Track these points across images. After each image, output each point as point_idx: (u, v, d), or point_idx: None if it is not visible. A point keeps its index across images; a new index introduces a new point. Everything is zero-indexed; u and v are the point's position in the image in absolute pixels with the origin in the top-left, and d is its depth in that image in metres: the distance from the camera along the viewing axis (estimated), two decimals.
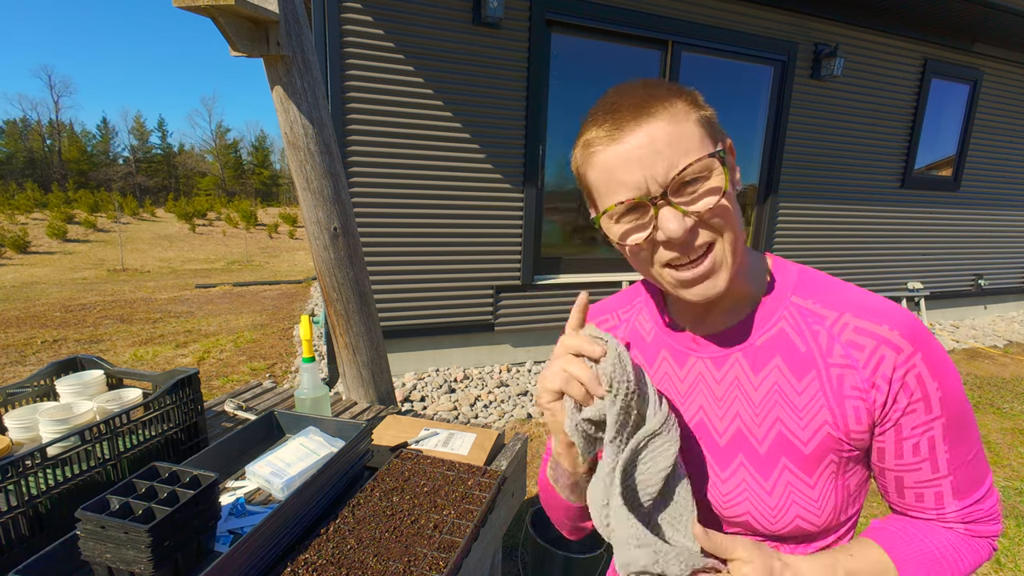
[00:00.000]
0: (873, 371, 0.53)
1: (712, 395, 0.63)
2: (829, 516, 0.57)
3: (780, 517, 0.57)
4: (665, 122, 0.49)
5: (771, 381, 0.58)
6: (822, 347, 0.56)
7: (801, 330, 0.58)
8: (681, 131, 0.50)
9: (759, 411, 0.59)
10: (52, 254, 15.89)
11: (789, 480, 0.57)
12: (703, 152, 0.50)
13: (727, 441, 0.61)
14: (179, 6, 1.41)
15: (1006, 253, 6.09)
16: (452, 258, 3.64)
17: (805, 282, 0.61)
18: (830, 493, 0.57)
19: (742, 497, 0.59)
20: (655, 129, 0.49)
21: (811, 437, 0.56)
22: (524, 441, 1.28)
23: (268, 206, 40.77)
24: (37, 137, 57.73)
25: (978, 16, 4.48)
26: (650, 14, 3.76)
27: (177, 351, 4.56)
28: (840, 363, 0.55)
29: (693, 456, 0.64)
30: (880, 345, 0.53)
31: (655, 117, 0.49)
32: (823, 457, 0.56)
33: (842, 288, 0.59)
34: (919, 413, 0.53)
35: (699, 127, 0.51)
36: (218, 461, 1.02)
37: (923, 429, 0.54)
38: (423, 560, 0.78)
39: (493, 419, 3.15)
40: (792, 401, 0.57)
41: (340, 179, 1.74)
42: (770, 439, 0.58)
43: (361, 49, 3.15)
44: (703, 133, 0.51)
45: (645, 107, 0.50)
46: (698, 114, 0.52)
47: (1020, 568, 1.99)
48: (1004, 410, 3.46)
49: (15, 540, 0.78)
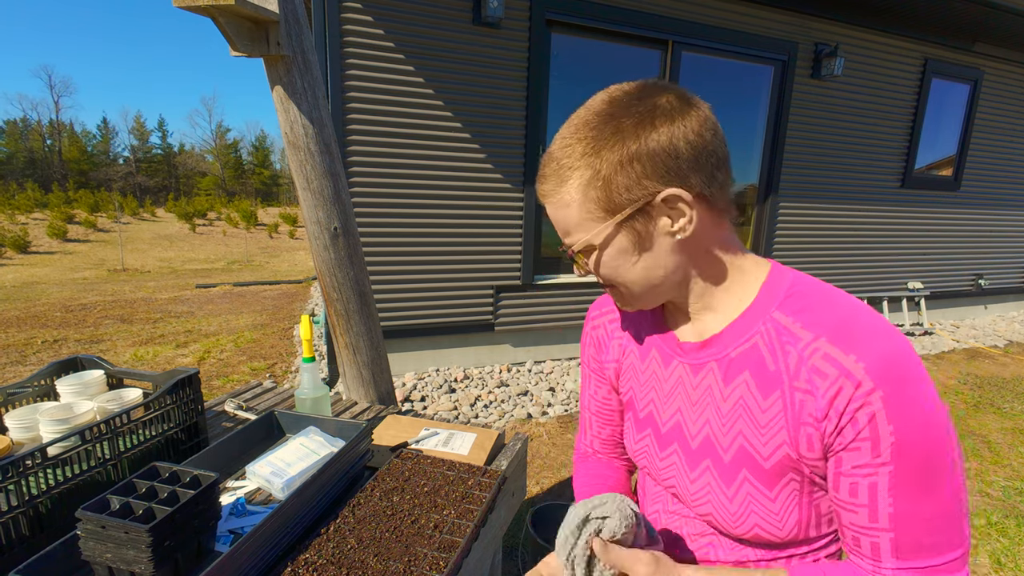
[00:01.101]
0: (829, 402, 0.51)
1: (688, 399, 0.65)
2: (792, 529, 0.58)
3: (740, 523, 0.60)
4: (555, 207, 0.59)
5: (738, 394, 0.60)
6: (790, 368, 0.55)
7: (774, 348, 0.57)
8: (566, 215, 0.59)
9: (725, 422, 0.61)
10: (52, 254, 15.89)
11: (749, 491, 0.59)
12: (584, 234, 0.58)
13: (697, 445, 0.64)
14: (179, 6, 1.41)
15: (1006, 253, 6.09)
16: (452, 258, 3.64)
17: (794, 296, 0.58)
18: (792, 509, 0.58)
19: (706, 499, 0.63)
20: (552, 210, 0.61)
21: (771, 454, 0.57)
22: (524, 441, 1.28)
23: (268, 206, 40.77)
24: (37, 137, 57.75)
25: (979, 16, 4.48)
26: (650, 14, 3.76)
27: (177, 351, 4.57)
28: (803, 388, 0.54)
29: (671, 452, 0.68)
30: (840, 376, 0.51)
31: (550, 202, 0.60)
32: (783, 474, 0.57)
33: (832, 306, 0.55)
34: (863, 453, 0.50)
35: (581, 210, 0.57)
36: (218, 461, 1.02)
37: (865, 472, 0.51)
38: (423, 560, 0.78)
39: (493, 419, 3.16)
40: (756, 417, 0.58)
41: (340, 179, 1.74)
42: (733, 450, 0.60)
43: (361, 49, 3.15)
44: (583, 216, 0.57)
45: (547, 189, 0.60)
46: (583, 197, 0.56)
47: (1020, 568, 1.99)
48: (1004, 410, 3.46)
49: (15, 540, 0.78)
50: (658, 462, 0.70)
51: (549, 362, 4.04)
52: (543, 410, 3.28)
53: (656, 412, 0.70)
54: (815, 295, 0.57)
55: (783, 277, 0.61)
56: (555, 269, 4.03)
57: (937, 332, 5.35)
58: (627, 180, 0.54)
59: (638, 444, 0.73)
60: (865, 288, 5.29)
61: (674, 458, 0.67)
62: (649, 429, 0.71)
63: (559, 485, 2.44)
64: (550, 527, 1.76)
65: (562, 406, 3.33)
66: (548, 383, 3.64)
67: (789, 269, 0.62)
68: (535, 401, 3.39)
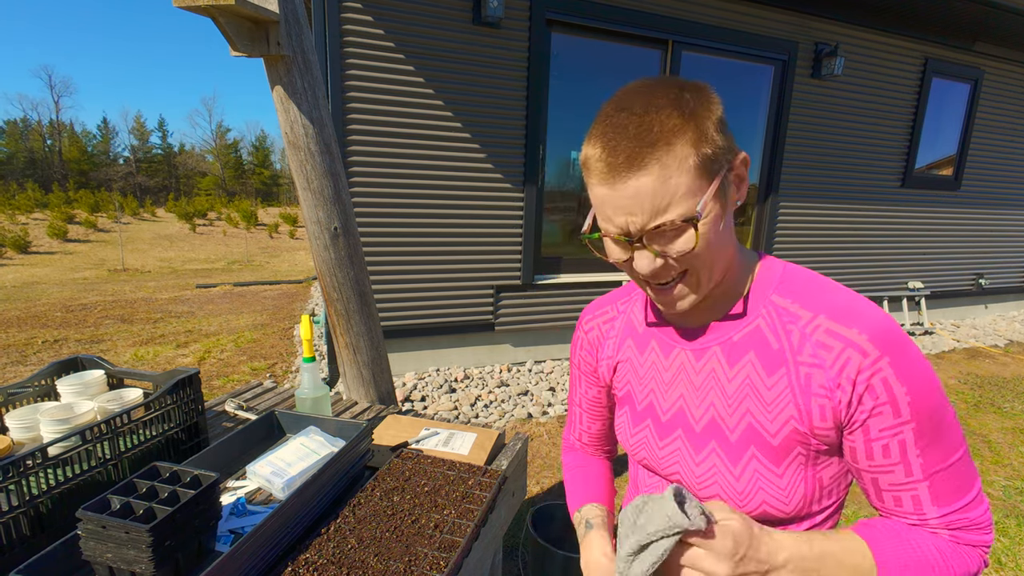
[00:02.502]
0: (839, 372, 0.55)
1: (691, 384, 0.67)
2: (798, 504, 0.60)
3: (747, 501, 0.61)
4: (653, 177, 0.51)
5: (744, 375, 0.62)
6: (793, 345, 0.58)
7: (776, 328, 0.60)
8: (667, 188, 0.51)
9: (731, 402, 0.63)
10: (53, 254, 15.89)
11: (757, 468, 0.61)
12: (688, 204, 0.52)
13: (702, 428, 0.66)
14: (179, 6, 1.41)
15: (1007, 252, 6.08)
16: (452, 258, 3.64)
17: (788, 281, 0.62)
18: (799, 483, 0.60)
19: (712, 480, 0.64)
20: (643, 184, 0.51)
21: (778, 430, 0.59)
22: (524, 441, 1.28)
23: (268, 206, 40.76)
24: (37, 137, 57.74)
25: (979, 15, 4.48)
26: (650, 14, 3.75)
27: (178, 351, 4.57)
28: (808, 362, 0.57)
29: (673, 439, 0.69)
30: (846, 348, 0.54)
31: (644, 171, 0.51)
32: (791, 449, 0.59)
33: (824, 289, 0.60)
34: (886, 416, 0.54)
35: (691, 176, 0.51)
36: (219, 461, 1.02)
37: (892, 432, 0.54)
38: (424, 560, 0.78)
39: (493, 419, 3.16)
40: (762, 395, 0.60)
41: (340, 179, 1.74)
42: (740, 429, 0.62)
43: (361, 49, 3.15)
44: (693, 182, 0.52)
45: (639, 156, 0.51)
46: (697, 156, 0.51)
47: (1021, 568, 1.99)
48: (1005, 409, 3.46)
49: (16, 540, 0.79)
50: (658, 451, 0.71)
51: (549, 362, 4.04)
52: (543, 410, 3.28)
53: (656, 402, 0.71)
54: (807, 280, 0.62)
55: (775, 265, 0.65)
56: (555, 269, 4.03)
57: (937, 332, 5.35)
58: (723, 140, 0.54)
59: (635, 437, 0.74)
60: (865, 288, 5.28)
61: (677, 443, 0.68)
62: (648, 420, 0.72)
63: (559, 485, 2.44)
64: (550, 527, 1.76)
65: (562, 406, 3.33)
66: (548, 383, 3.64)
67: (776, 259, 0.66)
68: (535, 401, 3.39)
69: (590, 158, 0.55)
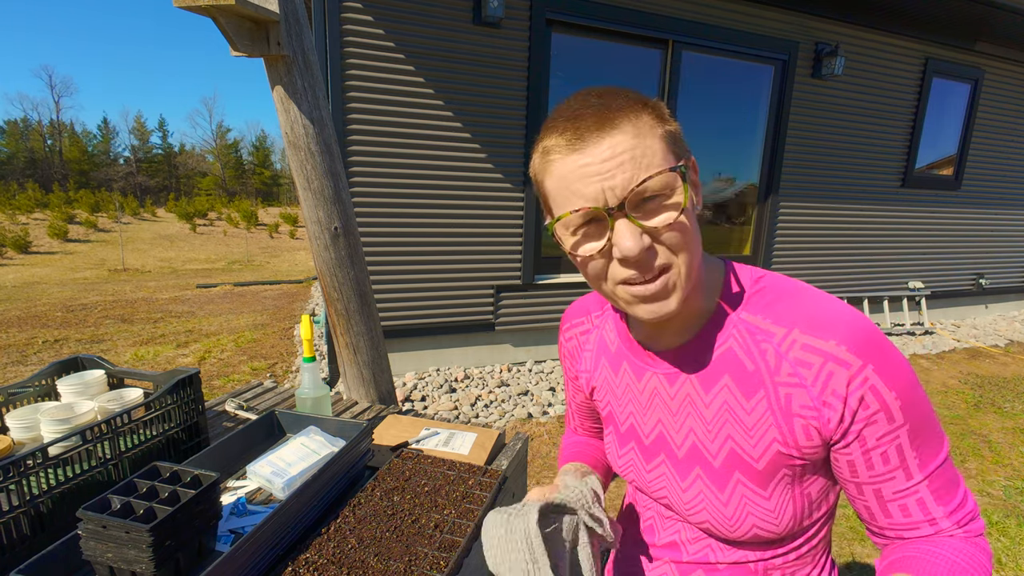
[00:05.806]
0: (823, 389, 0.52)
1: (668, 409, 0.64)
2: (788, 524, 0.58)
3: (738, 527, 0.59)
4: (629, 135, 0.48)
5: (721, 399, 0.59)
6: (770, 365, 0.55)
7: (749, 348, 0.57)
8: (644, 145, 0.48)
9: (711, 428, 0.60)
10: (53, 254, 15.90)
11: (744, 493, 0.58)
12: (664, 167, 0.49)
13: (684, 454, 0.63)
14: (179, 6, 1.41)
15: (1007, 252, 6.08)
16: (453, 258, 3.64)
17: (758, 294, 0.58)
18: (787, 503, 0.58)
19: (700, 507, 0.62)
20: (618, 142, 0.48)
21: (762, 454, 0.57)
22: (525, 441, 1.28)
23: (269, 206, 40.76)
24: (38, 137, 57.75)
25: (979, 15, 4.48)
26: (651, 13, 3.75)
27: (178, 351, 4.57)
28: (788, 381, 0.54)
29: (658, 463, 0.66)
30: (827, 362, 0.52)
31: (618, 129, 0.48)
32: (776, 472, 0.57)
33: (797, 298, 0.56)
34: (881, 424, 0.52)
35: (662, 142, 0.50)
36: (219, 461, 1.02)
37: (889, 438, 0.52)
38: (424, 559, 0.78)
39: (494, 419, 3.16)
40: (742, 420, 0.57)
41: (340, 179, 1.74)
42: (723, 455, 0.59)
43: (361, 49, 3.15)
44: (666, 148, 0.50)
45: (609, 118, 0.48)
46: (663, 129, 0.50)
47: (1021, 568, 1.99)
48: (1005, 409, 3.45)
49: (16, 540, 0.79)
50: (646, 475, 0.68)
51: (549, 362, 4.04)
52: (544, 410, 3.28)
53: (637, 424, 0.68)
54: (779, 291, 0.58)
55: (744, 277, 0.61)
56: (555, 269, 4.03)
57: (938, 332, 5.35)
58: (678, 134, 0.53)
59: (622, 459, 0.71)
60: (866, 288, 5.28)
61: (663, 468, 0.66)
62: (633, 443, 0.69)
63: None
64: None
65: (562, 406, 3.33)
66: (548, 383, 3.64)
67: (743, 266, 0.62)
68: (535, 401, 3.39)
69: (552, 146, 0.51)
